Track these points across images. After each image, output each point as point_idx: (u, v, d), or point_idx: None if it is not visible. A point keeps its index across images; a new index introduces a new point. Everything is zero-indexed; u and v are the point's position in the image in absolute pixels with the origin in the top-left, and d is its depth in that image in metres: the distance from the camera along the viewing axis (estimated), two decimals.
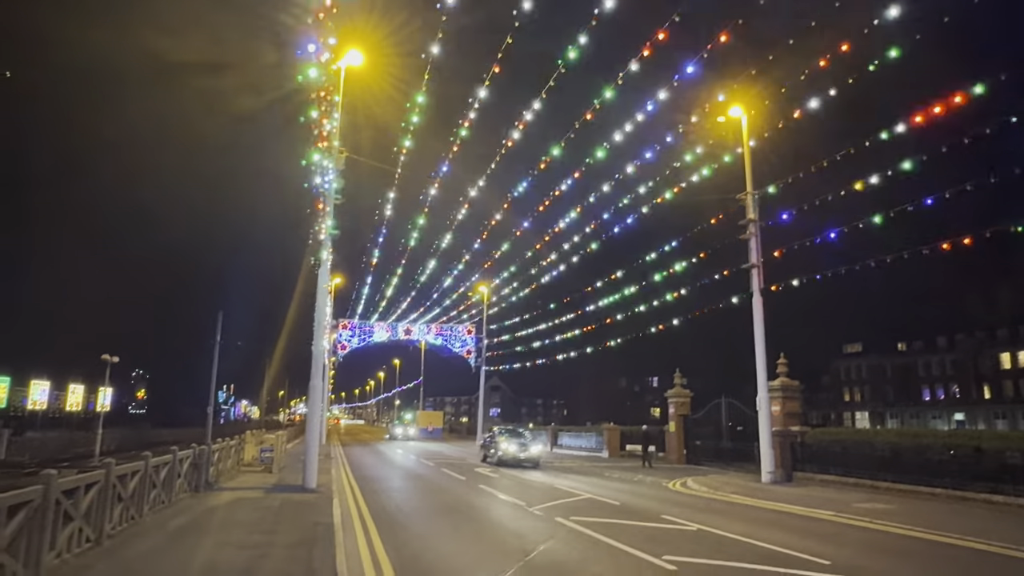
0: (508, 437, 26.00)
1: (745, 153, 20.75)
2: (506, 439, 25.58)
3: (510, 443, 25.05)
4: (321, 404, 19.65)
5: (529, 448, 25.11)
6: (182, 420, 73.81)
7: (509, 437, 26.03)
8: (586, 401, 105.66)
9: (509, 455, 24.62)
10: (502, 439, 25.58)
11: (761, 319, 20.14)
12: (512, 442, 25.22)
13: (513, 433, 27.54)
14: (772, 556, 9.25)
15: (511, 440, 25.49)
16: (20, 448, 31.57)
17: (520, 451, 24.77)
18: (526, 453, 24.82)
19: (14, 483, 13.00)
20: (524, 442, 25.62)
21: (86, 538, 8.47)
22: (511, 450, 24.71)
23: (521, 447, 24.96)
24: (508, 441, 25.32)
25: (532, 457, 24.99)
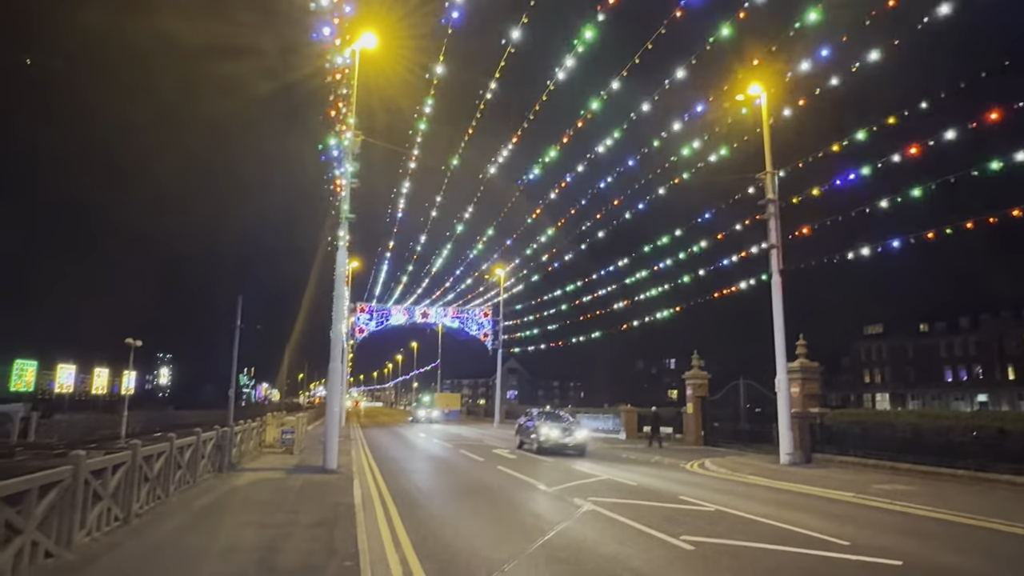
0: (550, 421, 23.85)
1: (764, 132, 20.43)
2: (548, 423, 23.38)
3: (552, 428, 22.91)
4: (340, 387, 19.84)
5: (574, 433, 22.88)
6: (204, 403, 75.13)
7: (551, 421, 23.88)
8: (603, 383, 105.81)
9: (551, 441, 22.47)
10: (543, 424, 23.37)
11: (780, 300, 19.96)
12: (554, 427, 23.11)
13: (554, 416, 25.34)
14: (791, 536, 9.25)
15: (553, 424, 23.38)
16: (49, 430, 32.37)
17: (564, 436, 22.60)
18: (571, 439, 22.63)
19: (44, 464, 13.33)
20: (568, 426, 23.49)
21: (115, 517, 8.68)
22: (553, 435, 22.55)
23: (565, 432, 22.79)
24: (550, 425, 23.15)
25: (578, 443, 22.75)
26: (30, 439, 29.84)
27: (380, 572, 7.07)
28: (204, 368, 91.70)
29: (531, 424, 24.39)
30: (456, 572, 7.22)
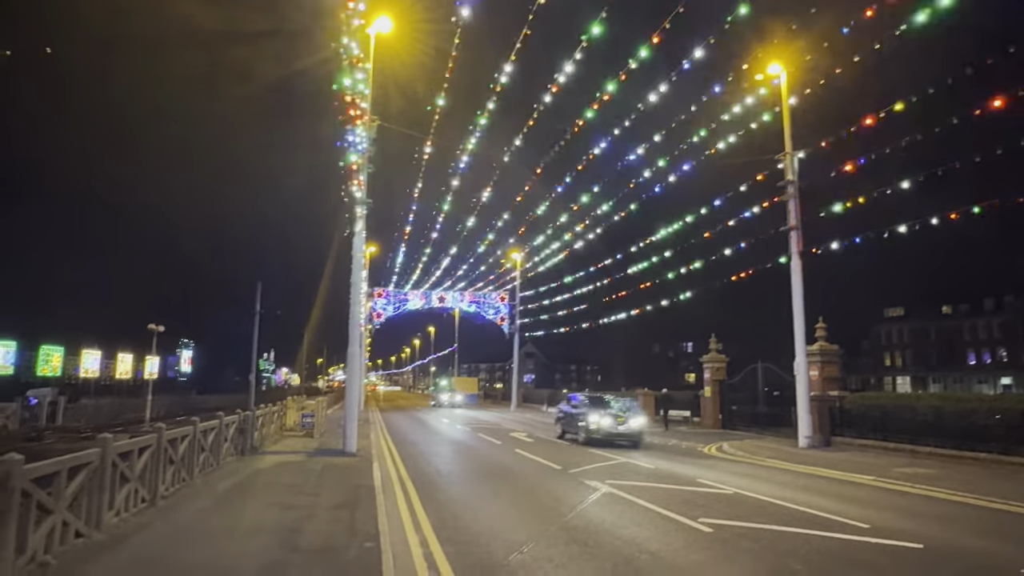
0: (599, 407, 20.54)
1: (784, 112, 20.13)
2: (598, 410, 20.20)
3: (603, 415, 19.78)
4: (359, 371, 20.03)
5: (628, 421, 19.71)
6: (226, 387, 76.20)
7: (600, 407, 20.57)
8: (620, 367, 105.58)
9: (603, 430, 19.39)
10: (591, 411, 20.17)
11: (800, 282, 19.78)
12: (605, 414, 19.84)
13: (601, 401, 21.88)
14: (810, 519, 9.24)
15: (604, 411, 20.11)
16: (75, 414, 33.07)
17: (616, 425, 19.46)
18: (625, 427, 19.49)
19: (72, 447, 13.63)
20: (620, 412, 20.23)
21: (141, 498, 8.87)
22: (605, 424, 19.44)
23: (616, 420, 19.59)
24: (600, 412, 19.97)
25: (633, 432, 19.48)
26: (58, 423, 30.51)
27: (401, 553, 7.17)
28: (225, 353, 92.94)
29: (575, 411, 21.26)
30: (475, 553, 7.30)
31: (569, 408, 22.27)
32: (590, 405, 20.94)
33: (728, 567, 6.80)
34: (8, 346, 40.96)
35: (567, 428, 21.85)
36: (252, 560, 6.56)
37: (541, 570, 6.64)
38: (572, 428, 21.23)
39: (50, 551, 6.35)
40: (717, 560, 7.08)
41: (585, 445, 19.24)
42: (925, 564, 7.10)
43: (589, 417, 19.77)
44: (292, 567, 6.34)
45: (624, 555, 7.26)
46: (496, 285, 55.08)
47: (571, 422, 21.38)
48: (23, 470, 5.75)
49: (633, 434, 19.53)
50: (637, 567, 6.81)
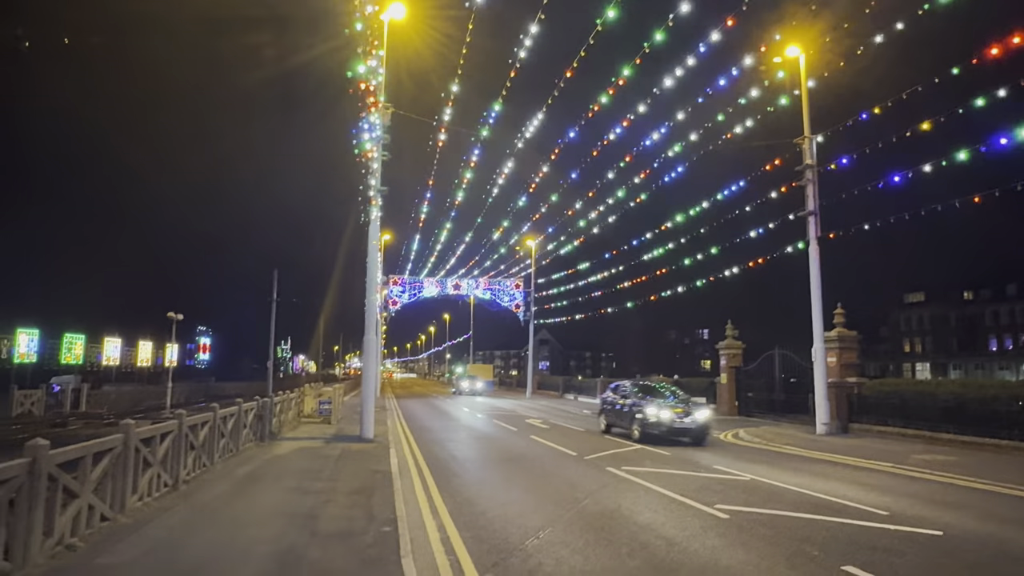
0: (656, 398, 17.77)
1: (803, 94, 19.81)
2: (656, 401, 17.36)
3: (663, 407, 16.86)
4: (375, 358, 20.15)
5: (692, 413, 16.71)
6: (244, 374, 77.11)
7: (657, 398, 17.82)
8: (635, 354, 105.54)
9: (664, 424, 16.42)
10: (648, 402, 17.33)
11: (818, 268, 19.57)
12: (663, 405, 16.96)
13: (652, 390, 18.88)
14: (827, 506, 9.20)
15: (663, 402, 17.26)
16: (98, 401, 33.70)
17: (679, 418, 16.48)
18: (690, 419, 16.48)
19: (96, 432, 13.88)
20: (681, 403, 17.49)
21: (164, 483, 9.03)
22: (666, 417, 16.47)
23: (678, 412, 16.62)
24: (660, 404, 17.08)
25: (700, 426, 16.53)
26: (81, 409, 31.12)
27: (418, 538, 7.24)
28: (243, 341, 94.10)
29: (625, 402, 18.21)
30: (492, 539, 7.36)
31: (615, 398, 19.10)
32: (644, 395, 18.13)
33: (744, 553, 6.80)
34: (32, 334, 41.71)
35: (614, 421, 18.90)
36: (272, 544, 6.66)
37: (557, 555, 6.68)
38: (621, 422, 18.28)
39: (77, 534, 6.50)
40: (733, 546, 7.08)
41: (640, 442, 16.45)
42: (945, 551, 7.05)
43: (647, 409, 16.82)
44: (311, 551, 6.43)
45: (640, 541, 7.28)
46: (511, 273, 55.10)
47: (620, 415, 18.38)
48: (49, 455, 5.87)
49: (698, 429, 16.51)
50: (653, 552, 6.83)
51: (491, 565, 6.34)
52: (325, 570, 5.84)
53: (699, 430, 16.62)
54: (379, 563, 6.06)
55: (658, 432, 16.45)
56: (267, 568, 5.85)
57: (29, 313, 48.02)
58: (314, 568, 5.90)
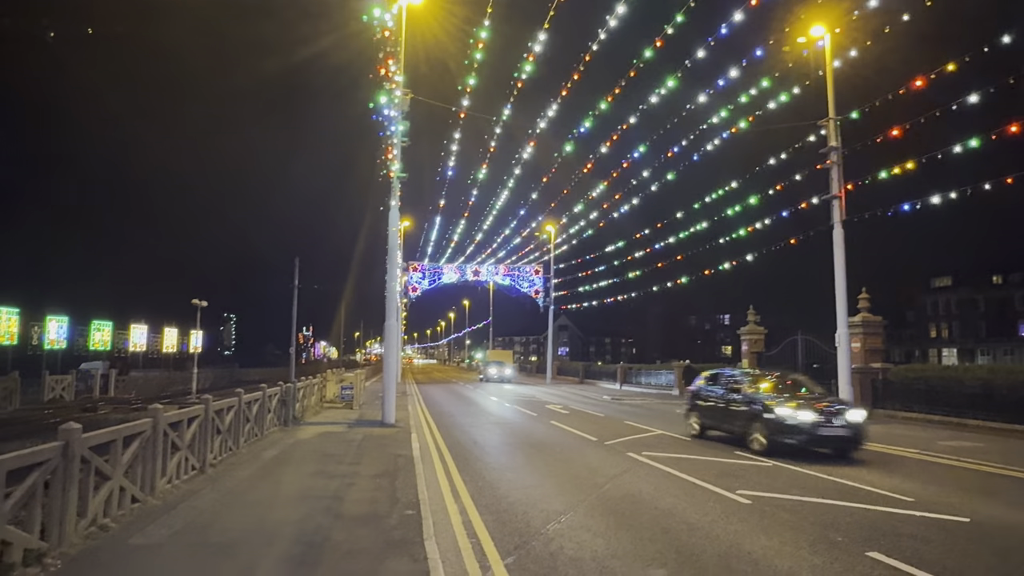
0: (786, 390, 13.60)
1: (828, 75, 19.41)
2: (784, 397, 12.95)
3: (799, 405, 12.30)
4: (396, 343, 20.28)
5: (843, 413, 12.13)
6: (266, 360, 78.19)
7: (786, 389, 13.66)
8: (656, 339, 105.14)
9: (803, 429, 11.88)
10: (778, 398, 12.86)
11: (842, 252, 19.28)
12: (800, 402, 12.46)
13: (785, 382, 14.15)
14: (851, 492, 9.12)
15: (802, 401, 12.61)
16: (126, 386, 34.39)
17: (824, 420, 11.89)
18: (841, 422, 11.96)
19: (125, 417, 14.16)
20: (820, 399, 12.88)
21: (192, 466, 9.22)
22: (807, 420, 11.90)
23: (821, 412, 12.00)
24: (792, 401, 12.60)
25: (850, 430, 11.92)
26: (110, 394, 31.79)
27: (441, 521, 7.32)
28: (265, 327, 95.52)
29: (739, 399, 13.67)
30: (513, 522, 7.41)
31: (716, 390, 14.79)
32: (769, 386, 13.71)
33: (767, 538, 6.78)
34: (61, 321, 42.56)
35: (715, 422, 14.58)
36: (297, 526, 6.77)
37: (579, 539, 6.71)
38: (729, 424, 13.92)
39: (109, 515, 6.66)
40: (755, 531, 7.06)
41: (766, 455, 12.15)
42: (972, 537, 6.97)
43: (780, 409, 12.28)
44: (336, 532, 6.53)
45: (662, 525, 7.29)
46: (531, 258, 55.02)
47: (726, 415, 14.00)
48: (82, 438, 6.01)
49: (851, 434, 11.98)
50: (675, 537, 6.84)
51: (513, 548, 6.39)
52: (350, 551, 5.93)
53: (852, 436, 11.98)
54: (403, 545, 6.13)
55: (796, 440, 11.92)
56: (294, 549, 5.96)
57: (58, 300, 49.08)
58: (340, 549, 5.99)
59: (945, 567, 5.88)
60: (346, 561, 5.67)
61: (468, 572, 5.70)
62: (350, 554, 5.86)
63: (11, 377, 26.61)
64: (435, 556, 5.83)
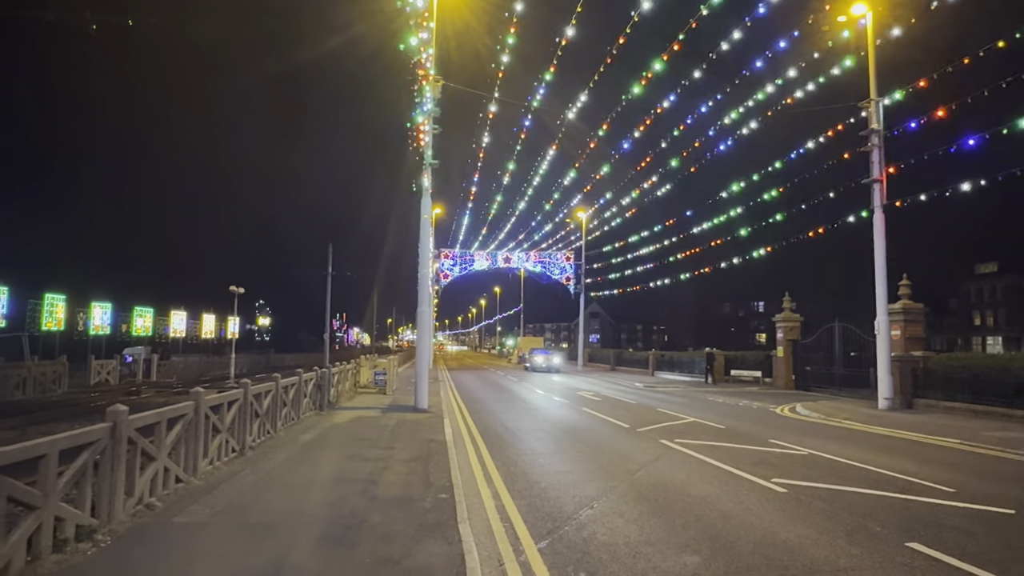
0: None
1: (869, 55, 18.81)
2: None
3: None
4: (428, 330, 20.44)
5: None
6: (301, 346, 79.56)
7: None
8: (688, 327, 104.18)
9: None
10: None
11: (883, 237, 18.77)
12: None
13: None
14: (891, 481, 8.95)
15: None
16: (167, 371, 35.40)
17: None
18: None
19: (168, 400, 14.56)
20: None
21: (232, 448, 9.46)
22: None
23: None
24: None
25: None
26: (152, 379, 32.75)
27: (474, 505, 7.39)
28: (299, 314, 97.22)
29: None
30: (546, 507, 7.45)
31: None
32: None
33: (803, 527, 6.70)
34: (105, 307, 43.92)
35: None
36: (335, 507, 6.91)
37: (611, 524, 6.72)
38: None
39: (155, 494, 6.89)
40: (791, 520, 6.97)
41: None
42: (1018, 529, 6.79)
43: None
44: (372, 515, 6.65)
45: (695, 513, 7.25)
46: (561, 245, 54.83)
47: None
48: (128, 420, 6.21)
49: None
50: (708, 524, 6.80)
51: (546, 533, 6.43)
52: (386, 533, 6.03)
53: None
54: (438, 528, 6.22)
55: None
56: (332, 531, 6.08)
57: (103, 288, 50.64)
58: (376, 531, 6.10)
59: (990, 560, 5.73)
60: (382, 543, 5.77)
61: (502, 555, 5.76)
62: (386, 536, 5.96)
63: (60, 361, 27.59)
64: (469, 539, 5.89)
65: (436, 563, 5.26)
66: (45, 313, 36.38)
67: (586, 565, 5.53)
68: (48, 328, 36.39)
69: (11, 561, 4.64)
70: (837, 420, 16.33)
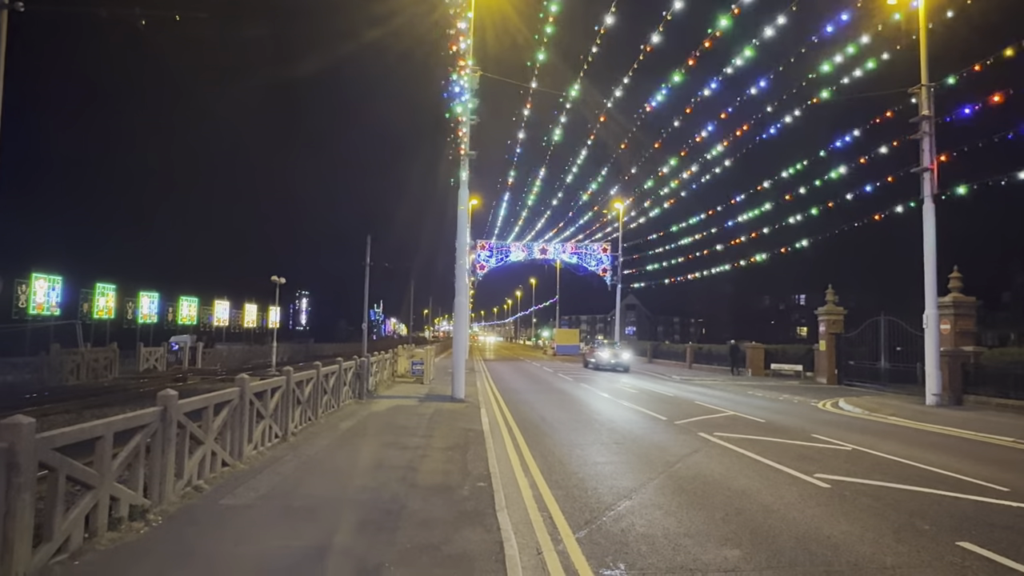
0: None
1: (921, 39, 18.15)
2: None
3: None
4: (465, 320, 20.56)
5: None
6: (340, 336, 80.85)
7: None
8: (726, 319, 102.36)
9: None
10: None
11: (933, 228, 18.16)
12: None
13: None
14: (940, 479, 8.69)
15: None
16: (212, 358, 36.37)
17: None
18: None
19: (213, 387, 14.96)
20: None
21: (275, 434, 9.69)
22: None
23: None
24: None
25: None
26: (197, 366, 33.69)
27: (512, 494, 7.43)
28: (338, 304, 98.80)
29: None
30: (583, 498, 7.44)
31: None
32: None
33: (847, 523, 6.55)
34: (152, 297, 45.26)
35: None
36: (375, 493, 7.03)
37: (649, 516, 6.69)
38: None
39: (202, 477, 7.10)
40: (835, 516, 6.83)
41: None
42: None
43: None
44: (412, 501, 6.74)
45: (735, 506, 7.16)
46: (598, 236, 54.46)
47: None
48: (178, 404, 6.40)
49: None
50: (749, 518, 6.70)
51: (583, 523, 6.43)
52: (426, 520, 6.11)
53: None
54: (476, 516, 6.27)
55: None
56: (373, 516, 6.19)
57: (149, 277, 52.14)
58: (416, 518, 6.18)
59: None
60: (422, 529, 5.84)
61: (540, 544, 5.78)
62: (425, 523, 6.03)
63: (111, 348, 28.61)
64: (507, 527, 5.93)
65: (475, 550, 5.31)
66: (96, 302, 37.67)
67: (624, 556, 5.52)
68: (99, 316, 37.66)
69: (70, 537, 4.84)
70: (882, 416, 15.92)
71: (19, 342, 26.58)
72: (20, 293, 29.39)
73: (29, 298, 29.65)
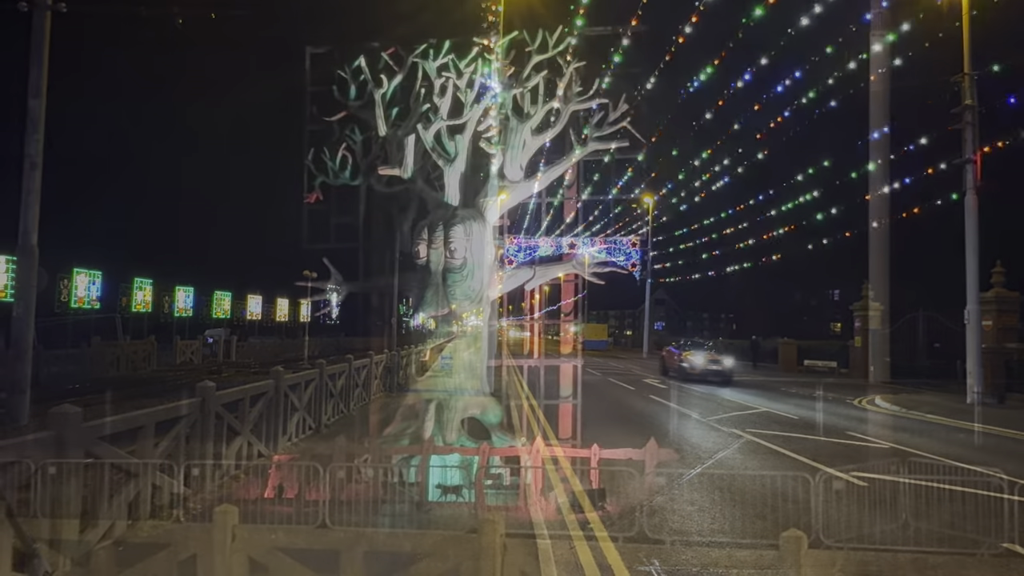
0: None
1: (964, 25, 17.57)
2: None
3: None
4: (493, 316, 20.58)
5: None
6: (369, 330, 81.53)
7: None
8: (757, 315, 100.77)
9: None
10: None
11: (975, 221, 17.61)
12: None
13: None
14: (981, 478, 8.41)
15: None
16: (245, 352, 37.01)
17: None
18: None
19: (248, 379, 15.21)
20: None
21: (308, 426, 9.84)
22: None
23: None
24: None
25: None
26: (232, 359, 34.34)
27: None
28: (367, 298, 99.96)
29: None
30: (615, 493, 7.40)
31: None
32: None
33: (886, 522, 6.42)
34: (187, 291, 46.24)
35: None
36: None
37: (683, 511, 6.64)
38: None
39: (240, 467, 7.24)
40: (874, 514, 6.70)
41: None
42: None
43: None
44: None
45: (770, 504, 7.05)
46: (628, 231, 54.10)
47: None
48: (215, 395, 6.54)
49: None
50: (784, 515, 6.60)
51: (616, 518, 6.40)
52: (455, 515, 6.14)
53: None
54: (509, 506, 6.29)
55: None
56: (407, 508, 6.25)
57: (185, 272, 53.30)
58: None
59: None
60: (452, 523, 5.88)
61: (572, 539, 5.77)
62: (455, 519, 6.07)
63: (148, 341, 29.30)
64: (539, 519, 5.94)
65: (507, 543, 5.31)
66: (135, 296, 38.62)
67: (658, 552, 5.48)
68: (137, 310, 38.59)
69: (114, 523, 4.98)
70: (920, 414, 15.55)
71: (62, 335, 27.38)
72: (62, 288, 30.29)
73: (71, 292, 30.54)
